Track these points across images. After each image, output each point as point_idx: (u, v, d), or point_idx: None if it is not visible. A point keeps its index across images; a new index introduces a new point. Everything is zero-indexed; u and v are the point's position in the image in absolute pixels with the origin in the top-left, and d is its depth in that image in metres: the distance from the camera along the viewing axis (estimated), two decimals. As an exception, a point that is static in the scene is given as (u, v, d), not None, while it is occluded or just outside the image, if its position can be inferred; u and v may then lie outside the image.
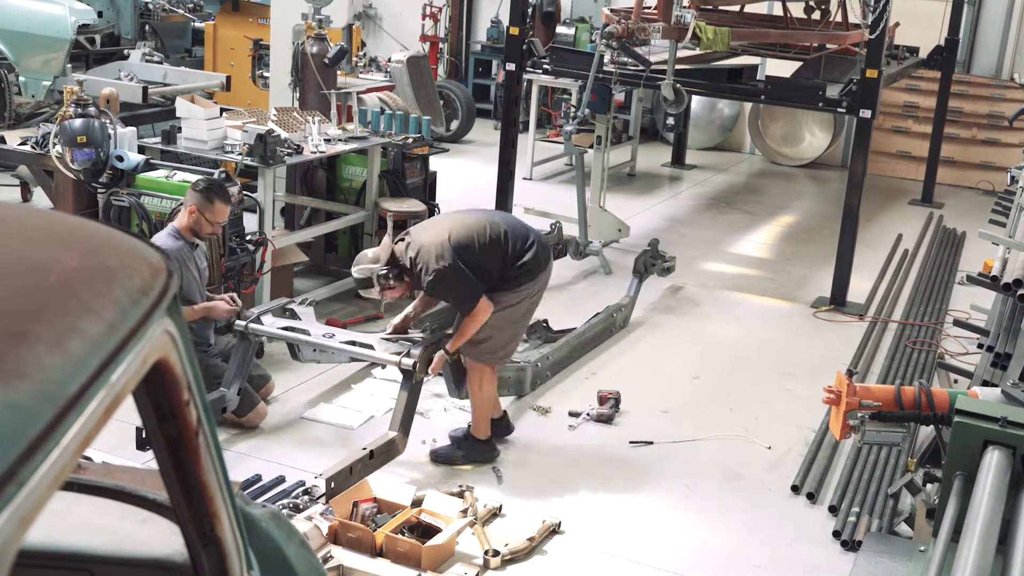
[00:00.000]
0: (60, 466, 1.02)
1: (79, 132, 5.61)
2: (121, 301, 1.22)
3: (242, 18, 10.24)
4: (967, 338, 6.70)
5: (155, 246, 1.42)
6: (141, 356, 1.23)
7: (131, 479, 1.93)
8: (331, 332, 5.19)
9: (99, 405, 1.10)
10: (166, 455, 1.45)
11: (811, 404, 5.69)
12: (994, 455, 2.81)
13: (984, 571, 2.21)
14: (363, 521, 4.28)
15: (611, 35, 7.23)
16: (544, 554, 4.34)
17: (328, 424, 5.34)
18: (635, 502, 4.84)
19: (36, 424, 0.99)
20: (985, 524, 2.44)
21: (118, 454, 4.37)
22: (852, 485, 4.93)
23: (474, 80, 13.71)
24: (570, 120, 7.96)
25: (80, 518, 1.91)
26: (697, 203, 10.67)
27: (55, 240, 1.29)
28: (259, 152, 5.98)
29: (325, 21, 7.27)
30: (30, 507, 0.96)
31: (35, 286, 1.15)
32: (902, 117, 12.33)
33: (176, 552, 1.84)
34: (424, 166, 7.42)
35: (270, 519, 1.99)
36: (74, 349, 1.10)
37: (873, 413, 3.83)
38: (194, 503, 1.50)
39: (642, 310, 7.24)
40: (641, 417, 5.64)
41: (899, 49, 10.04)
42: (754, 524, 4.72)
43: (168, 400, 1.39)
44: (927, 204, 11.05)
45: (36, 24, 8.07)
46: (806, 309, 7.64)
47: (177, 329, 1.36)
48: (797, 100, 8.39)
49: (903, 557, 3.48)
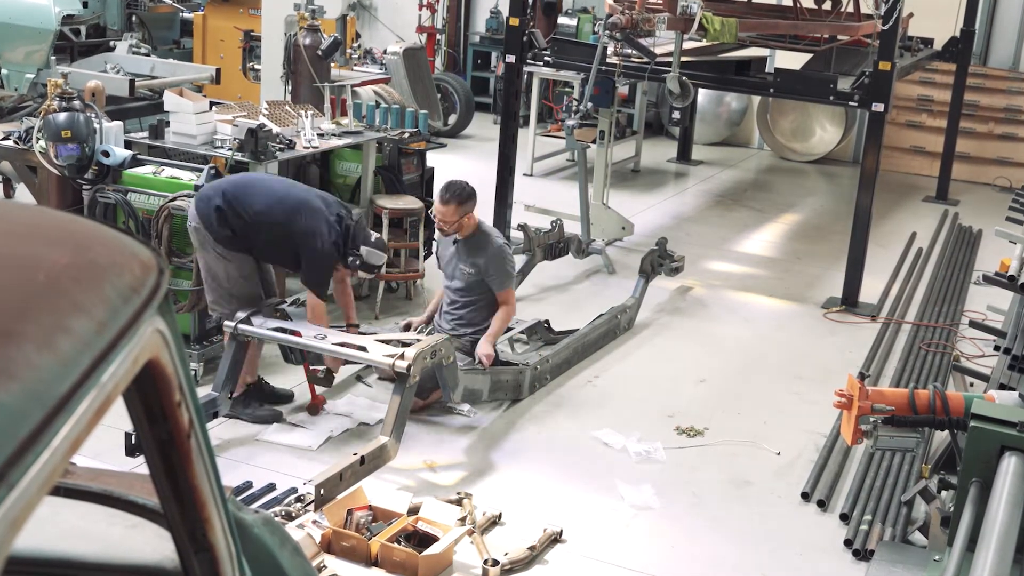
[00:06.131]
0: (50, 469, 1.02)
1: (63, 127, 5.57)
2: (111, 299, 1.22)
3: (232, 8, 10.23)
4: (983, 340, 6.66)
5: (145, 242, 1.42)
6: (132, 356, 1.23)
7: (120, 483, 1.90)
8: (323, 334, 5.08)
9: (89, 406, 1.10)
10: (157, 458, 1.44)
11: (822, 408, 5.61)
12: (1011, 461, 2.82)
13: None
14: (357, 529, 4.25)
15: (615, 26, 7.17)
16: (545, 563, 4.29)
17: (284, 446, 5.14)
18: (640, 510, 4.76)
19: (25, 425, 0.99)
20: (1002, 533, 2.41)
21: (107, 460, 4.30)
22: (864, 492, 4.88)
23: (473, 73, 13.66)
24: (572, 114, 7.96)
25: (67, 524, 1.89)
26: (704, 200, 10.60)
27: (43, 237, 1.28)
28: (250, 147, 5.95)
29: (318, 11, 7.28)
30: (19, 511, 0.96)
31: (23, 284, 1.14)
32: (916, 111, 12.21)
33: (167, 559, 1.82)
34: (421, 162, 7.35)
35: (263, 525, 1.95)
36: (64, 348, 1.09)
37: (886, 418, 3.93)
38: (186, 508, 1.49)
39: (648, 311, 7.17)
40: (646, 422, 5.56)
41: (913, 40, 9.99)
42: (762, 533, 4.66)
43: (159, 401, 1.38)
44: (942, 201, 10.97)
45: (18, 14, 8.01)
46: (816, 310, 7.57)
47: (168, 328, 1.35)
48: (807, 93, 8.33)
49: (917, 567, 3.46)
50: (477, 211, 5.72)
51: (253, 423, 5.18)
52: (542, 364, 5.86)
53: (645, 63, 7.78)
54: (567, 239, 7.52)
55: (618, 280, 7.73)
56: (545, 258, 7.42)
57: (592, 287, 7.68)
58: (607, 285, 7.67)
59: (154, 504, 1.77)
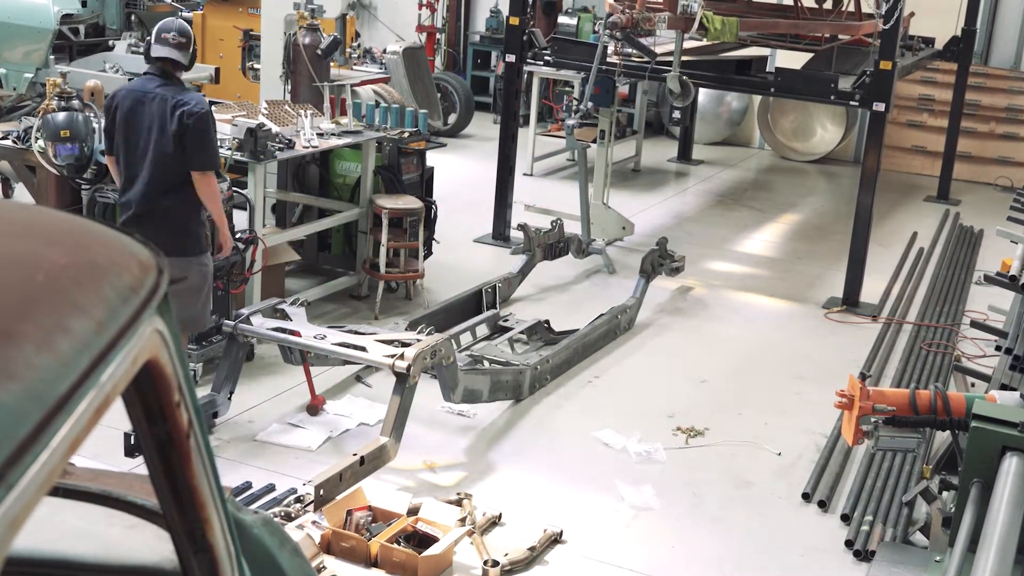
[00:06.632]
0: (49, 469, 1.02)
1: (62, 126, 5.56)
2: (110, 299, 1.22)
3: (231, 8, 10.19)
4: (984, 340, 6.65)
5: (144, 242, 1.41)
6: (131, 356, 1.23)
7: (119, 484, 1.89)
8: (323, 334, 5.06)
9: (88, 406, 1.10)
10: (156, 458, 1.44)
11: (823, 408, 5.59)
12: (1013, 462, 2.82)
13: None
14: (357, 530, 4.24)
15: (615, 25, 7.16)
16: (545, 564, 4.28)
17: (284, 446, 5.12)
18: (640, 510, 4.75)
19: (24, 425, 0.99)
20: (1003, 533, 2.40)
21: (106, 460, 4.29)
22: (865, 493, 4.88)
23: (473, 72, 13.65)
24: (572, 114, 7.97)
25: (66, 524, 1.89)
26: (704, 200, 10.58)
27: (42, 237, 1.28)
28: (249, 147, 5.93)
29: (318, 11, 7.26)
30: (18, 511, 0.96)
31: (22, 283, 1.14)
32: (917, 111, 12.19)
33: (166, 559, 1.81)
34: (421, 161, 7.33)
35: (262, 525, 1.96)
36: (63, 349, 1.09)
37: (887, 418, 3.95)
38: (185, 508, 1.49)
39: (648, 311, 7.16)
40: (647, 422, 5.55)
41: (914, 40, 9.99)
42: (763, 534, 4.65)
43: (159, 401, 1.38)
44: (943, 201, 10.95)
45: (17, 14, 8.01)
46: (817, 310, 7.55)
47: (168, 328, 1.35)
48: (808, 93, 8.32)
49: (918, 568, 3.47)
50: (477, 211, 5.68)
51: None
52: (542, 364, 5.84)
53: (645, 62, 7.77)
54: (567, 239, 7.52)
55: (618, 280, 7.72)
56: (545, 258, 7.41)
57: (592, 287, 7.66)
58: (607, 285, 7.65)
59: (153, 505, 1.77)
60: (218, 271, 5.59)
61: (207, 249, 5.11)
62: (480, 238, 8.34)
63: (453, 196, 8.64)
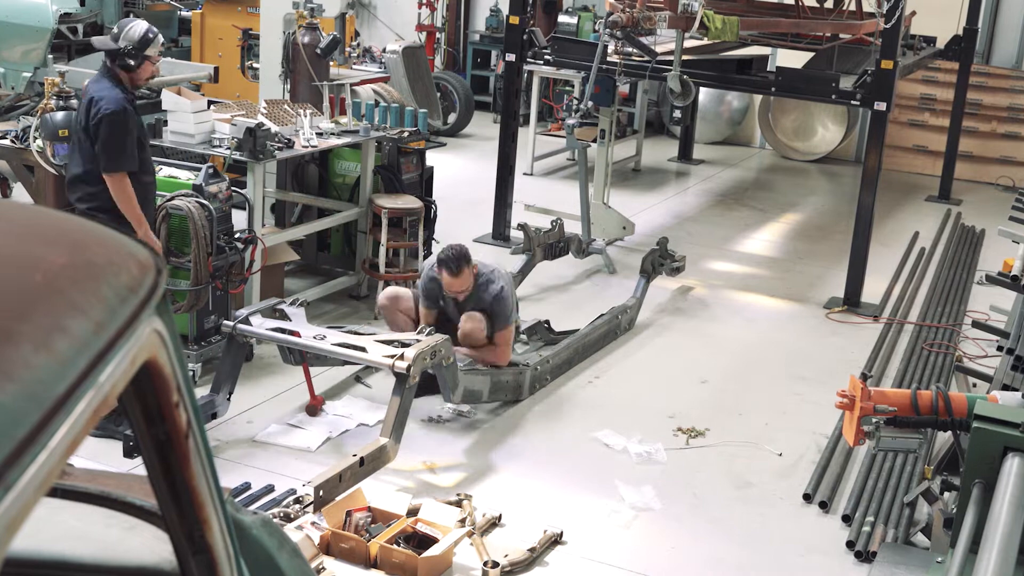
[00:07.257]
0: (47, 470, 1.02)
1: (61, 125, 5.54)
2: (109, 299, 1.22)
3: (230, 7, 10.19)
4: (986, 340, 6.64)
5: (141, 242, 1.41)
6: (130, 356, 1.23)
7: (117, 485, 1.90)
8: (322, 334, 5.05)
9: (87, 407, 1.10)
10: (155, 459, 1.44)
11: (824, 409, 5.60)
12: (1014, 462, 2.82)
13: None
14: (357, 531, 4.23)
15: (615, 24, 7.15)
16: (545, 565, 4.27)
17: (283, 447, 5.10)
18: (640, 511, 4.73)
19: (22, 426, 0.99)
20: (1005, 534, 2.40)
21: (104, 461, 4.32)
22: (866, 494, 4.86)
23: (472, 71, 13.63)
24: (572, 113, 7.96)
25: (65, 525, 1.89)
26: (705, 199, 10.57)
27: (40, 236, 1.28)
28: (248, 146, 5.90)
29: (317, 10, 7.24)
30: (16, 512, 0.96)
31: (20, 283, 1.14)
32: (918, 110, 12.17)
33: (164, 560, 1.81)
34: (420, 161, 7.31)
35: (261, 526, 1.96)
36: (61, 349, 1.09)
37: (888, 418, 3.96)
38: (184, 509, 1.49)
39: (649, 312, 7.15)
40: (647, 423, 5.53)
41: (915, 39, 9.95)
42: (764, 534, 4.64)
43: (157, 402, 1.38)
44: (944, 201, 10.94)
45: (16, 13, 8.00)
46: (818, 310, 7.54)
47: (166, 328, 1.35)
48: (809, 92, 8.31)
49: (919, 569, 3.47)
50: (476, 211, 5.69)
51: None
52: (542, 365, 5.83)
53: (646, 62, 7.76)
54: (567, 239, 7.49)
55: (619, 280, 7.70)
56: (545, 258, 7.39)
57: (592, 287, 7.65)
58: (608, 285, 7.64)
59: (152, 505, 1.77)
60: (217, 271, 5.58)
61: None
62: (480, 238, 8.32)
63: (453, 196, 8.63)
